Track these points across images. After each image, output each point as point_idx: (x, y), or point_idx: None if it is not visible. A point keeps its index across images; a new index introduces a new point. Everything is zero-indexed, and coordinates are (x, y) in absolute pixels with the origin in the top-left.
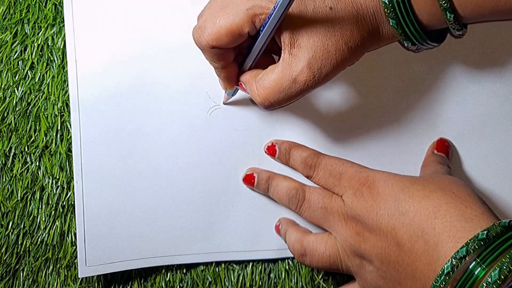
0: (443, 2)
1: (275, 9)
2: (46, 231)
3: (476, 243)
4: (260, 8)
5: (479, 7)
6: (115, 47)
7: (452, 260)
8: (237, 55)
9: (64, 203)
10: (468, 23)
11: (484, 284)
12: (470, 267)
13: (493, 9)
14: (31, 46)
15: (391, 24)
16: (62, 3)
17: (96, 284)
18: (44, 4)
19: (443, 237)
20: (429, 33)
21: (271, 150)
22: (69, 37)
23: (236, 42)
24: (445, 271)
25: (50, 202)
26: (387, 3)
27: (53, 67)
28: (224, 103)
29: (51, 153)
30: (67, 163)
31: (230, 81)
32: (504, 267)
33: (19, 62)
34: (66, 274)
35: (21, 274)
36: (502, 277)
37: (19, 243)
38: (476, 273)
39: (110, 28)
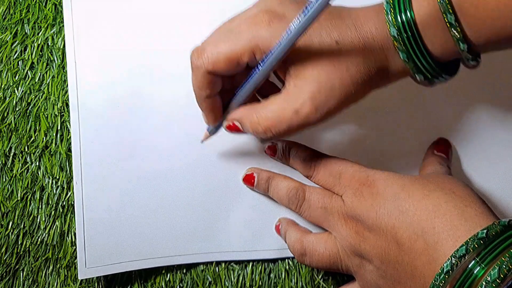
0: (455, 32)
1: (280, 44)
2: (46, 231)
3: (475, 242)
4: (265, 40)
5: (492, 35)
6: (115, 48)
7: (451, 259)
8: (222, 90)
9: (64, 203)
10: (482, 52)
11: (484, 283)
12: (470, 266)
13: (508, 36)
14: (31, 46)
15: (401, 57)
16: (62, 3)
17: (96, 285)
18: (44, 4)
19: (442, 236)
20: (442, 65)
21: (271, 150)
22: (68, 37)
23: (232, 70)
24: (445, 270)
25: (50, 202)
26: (397, 36)
27: (53, 67)
28: (202, 142)
29: (51, 153)
30: (67, 163)
31: (214, 113)
32: (504, 266)
33: (19, 62)
34: (66, 274)
35: (21, 274)
36: (502, 276)
37: (19, 243)
38: (475, 272)
39: (110, 28)
